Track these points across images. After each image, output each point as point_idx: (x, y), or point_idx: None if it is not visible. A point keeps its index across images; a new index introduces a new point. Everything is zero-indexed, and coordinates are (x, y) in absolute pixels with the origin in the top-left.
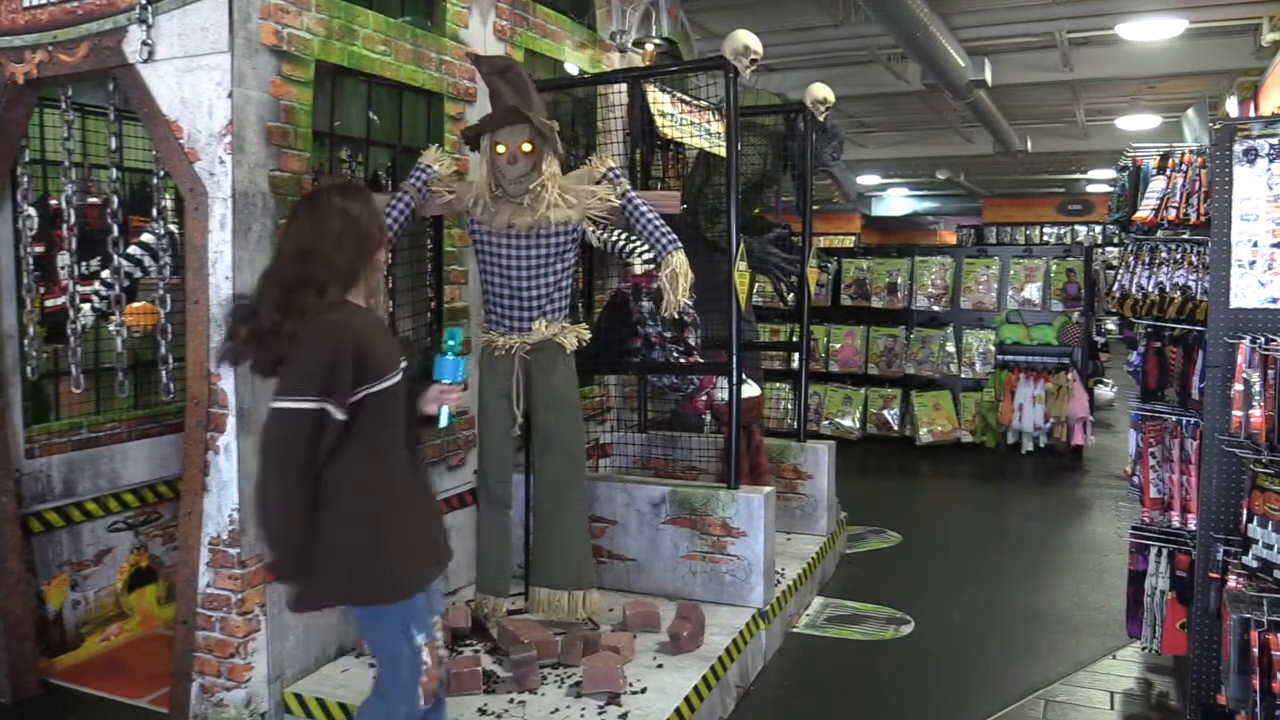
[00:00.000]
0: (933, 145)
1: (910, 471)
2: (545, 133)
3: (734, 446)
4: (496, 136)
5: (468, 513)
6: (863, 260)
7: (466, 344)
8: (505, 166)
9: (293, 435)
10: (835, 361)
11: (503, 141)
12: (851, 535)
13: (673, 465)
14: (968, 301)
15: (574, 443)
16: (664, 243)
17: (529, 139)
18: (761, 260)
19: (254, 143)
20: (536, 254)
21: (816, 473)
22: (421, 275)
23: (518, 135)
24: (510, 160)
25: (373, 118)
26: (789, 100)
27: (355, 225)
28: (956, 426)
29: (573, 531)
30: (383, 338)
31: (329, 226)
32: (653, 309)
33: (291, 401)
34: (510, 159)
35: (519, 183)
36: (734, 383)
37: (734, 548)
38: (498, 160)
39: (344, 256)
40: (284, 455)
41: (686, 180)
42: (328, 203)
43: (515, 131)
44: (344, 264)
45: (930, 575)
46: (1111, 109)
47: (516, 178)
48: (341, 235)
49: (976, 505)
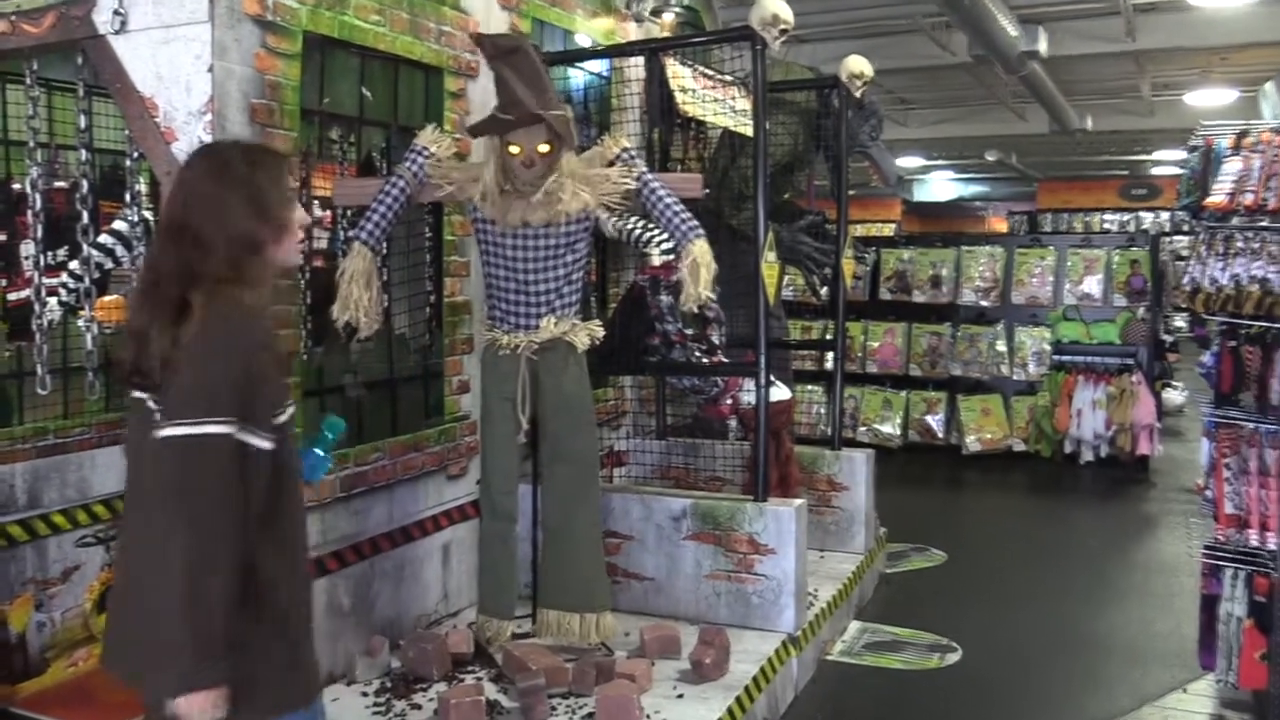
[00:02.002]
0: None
1: (956, 483)
2: (563, 131)
3: (762, 455)
4: (510, 137)
5: (469, 527)
6: (904, 250)
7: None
8: (520, 169)
9: (208, 468)
10: (873, 362)
11: (517, 142)
12: (891, 553)
13: (694, 475)
14: (1020, 296)
15: (586, 450)
16: (684, 231)
17: (547, 140)
18: (792, 250)
19: (236, 121)
20: (545, 246)
21: (853, 484)
22: (419, 267)
23: (534, 136)
24: (526, 163)
25: (366, 94)
26: (822, 74)
27: (248, 193)
28: (1007, 434)
29: (584, 548)
30: (278, 355)
31: (204, 190)
32: (672, 303)
33: (193, 426)
34: (526, 161)
35: (534, 183)
36: (762, 385)
37: (762, 566)
38: (510, 160)
39: (225, 233)
40: (199, 497)
41: (709, 163)
42: (213, 161)
43: (531, 133)
44: (226, 245)
45: (978, 598)
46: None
47: (532, 179)
48: (227, 205)
49: (1030, 521)
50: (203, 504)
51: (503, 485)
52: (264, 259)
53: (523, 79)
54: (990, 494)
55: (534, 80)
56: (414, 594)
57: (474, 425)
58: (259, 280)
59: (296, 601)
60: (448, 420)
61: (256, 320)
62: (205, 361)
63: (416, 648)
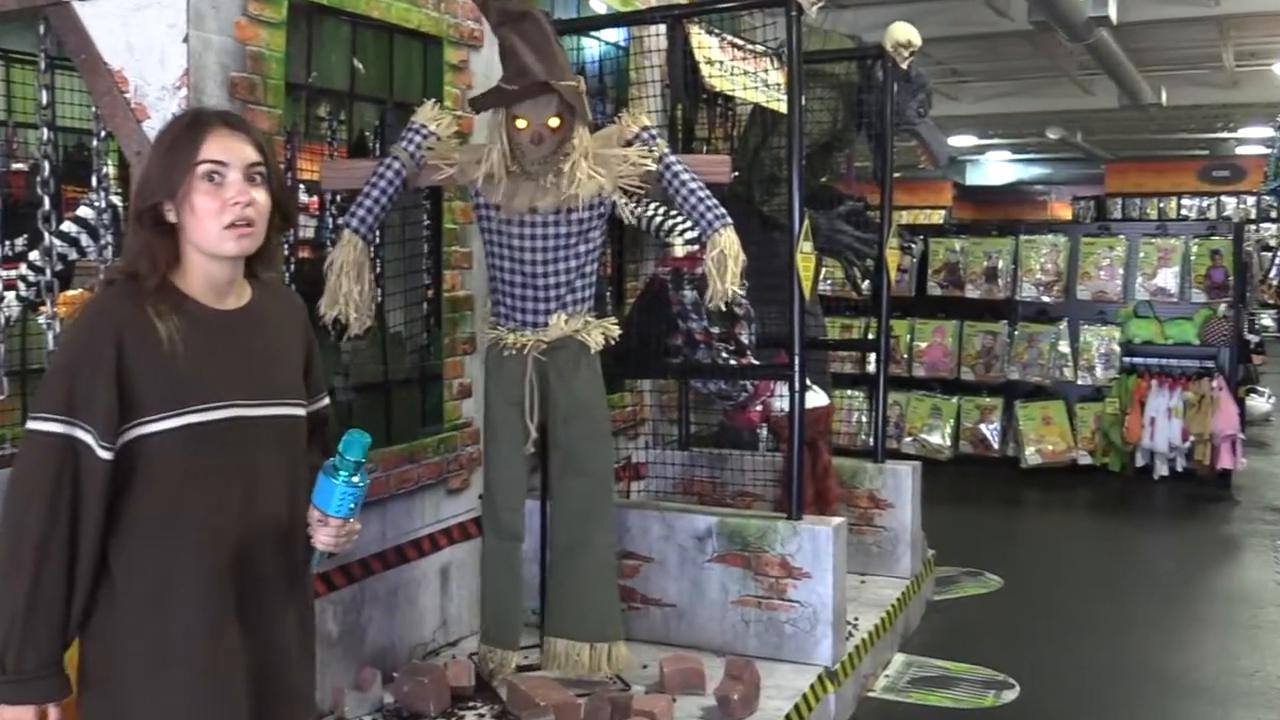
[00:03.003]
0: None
1: (1014, 500)
2: (574, 103)
3: (796, 468)
4: (516, 110)
5: (470, 547)
6: (955, 240)
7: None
8: (528, 146)
9: (29, 472)
10: (921, 364)
11: (524, 116)
12: (941, 578)
13: (721, 490)
14: (1086, 291)
15: (600, 462)
16: (710, 218)
17: (557, 113)
18: (830, 240)
19: (214, 96)
20: (556, 235)
21: (897, 501)
22: (416, 258)
23: (543, 109)
24: (535, 140)
25: (358, 67)
26: (865, 44)
27: (152, 156)
28: (1071, 445)
29: (598, 570)
30: (165, 340)
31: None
32: (696, 299)
33: (32, 422)
34: (534, 138)
35: (544, 162)
36: (796, 389)
37: (796, 592)
38: (517, 137)
39: (135, 204)
40: (15, 498)
41: (739, 142)
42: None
43: (540, 105)
44: (133, 215)
45: (1038, 628)
46: (1268, 51)
47: (541, 158)
48: (145, 170)
49: (1096, 543)
50: (17, 508)
51: (508, 500)
52: (143, 236)
53: (531, 47)
54: (1052, 512)
55: (543, 49)
56: (409, 621)
57: (476, 434)
58: (139, 262)
59: (185, 639)
60: (447, 428)
61: (117, 304)
62: (56, 355)
63: (412, 681)
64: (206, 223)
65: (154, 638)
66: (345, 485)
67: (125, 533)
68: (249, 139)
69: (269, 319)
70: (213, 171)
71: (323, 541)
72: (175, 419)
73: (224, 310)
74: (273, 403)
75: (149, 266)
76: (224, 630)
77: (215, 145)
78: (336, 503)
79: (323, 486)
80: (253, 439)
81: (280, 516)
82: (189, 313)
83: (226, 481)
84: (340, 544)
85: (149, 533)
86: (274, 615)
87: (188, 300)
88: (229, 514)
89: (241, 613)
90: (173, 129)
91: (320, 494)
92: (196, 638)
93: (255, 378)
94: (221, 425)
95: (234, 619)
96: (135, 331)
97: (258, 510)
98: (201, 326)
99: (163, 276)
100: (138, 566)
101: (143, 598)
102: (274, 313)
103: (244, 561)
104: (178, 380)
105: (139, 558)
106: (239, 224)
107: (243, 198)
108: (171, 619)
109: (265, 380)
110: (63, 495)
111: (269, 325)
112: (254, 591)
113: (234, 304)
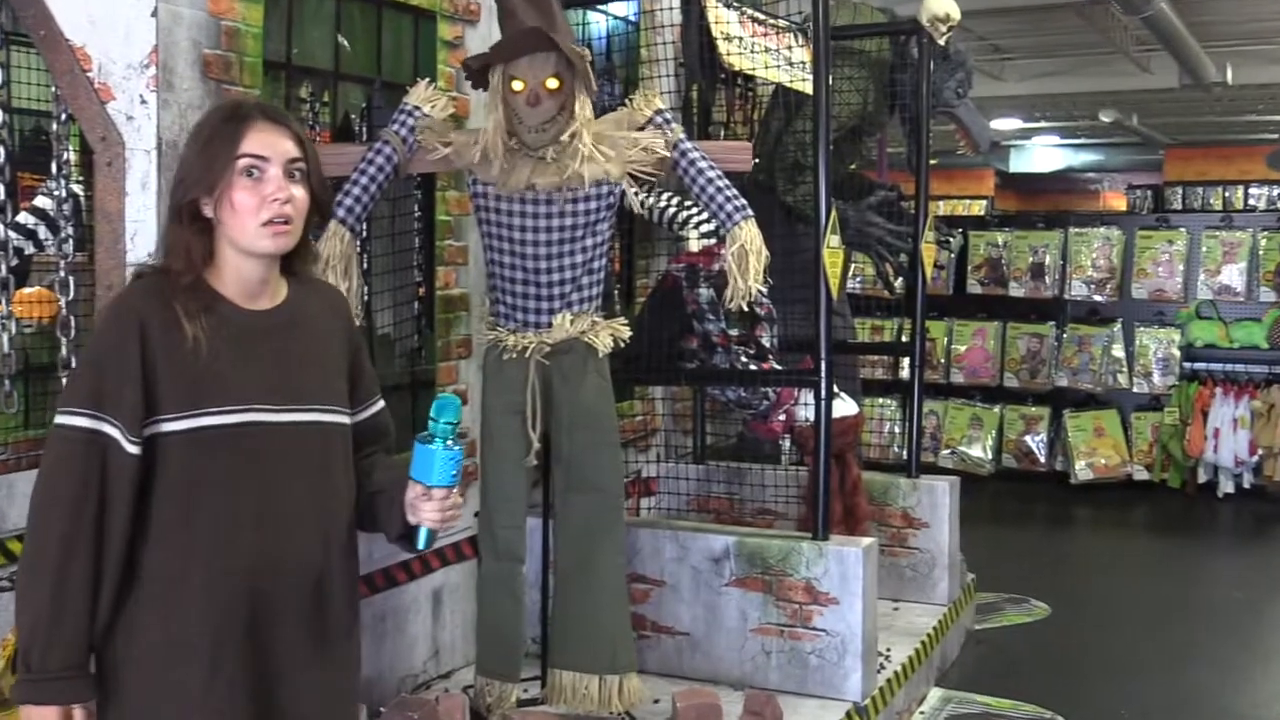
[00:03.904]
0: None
1: (1062, 520)
2: (576, 62)
3: (822, 483)
4: (511, 69)
5: (466, 569)
6: (998, 233)
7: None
8: (524, 109)
9: (55, 468)
10: (959, 370)
11: (520, 76)
12: (981, 605)
13: (739, 507)
14: (1142, 289)
15: (608, 476)
16: (729, 210)
17: (556, 72)
18: (860, 233)
19: (186, 76)
20: (561, 224)
21: (934, 520)
22: (406, 252)
23: (541, 68)
24: (531, 100)
25: (343, 43)
26: (898, 18)
27: (189, 150)
28: (1126, 459)
29: (606, 595)
30: (190, 339)
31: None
32: (714, 298)
33: (59, 417)
34: (531, 99)
35: (543, 130)
36: (823, 397)
37: (822, 619)
38: (513, 100)
39: (172, 199)
40: (42, 495)
41: (760, 127)
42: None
43: (537, 62)
44: (170, 210)
45: (1089, 661)
46: None
47: (539, 124)
48: (182, 164)
49: (1154, 567)
50: (43, 503)
51: (507, 518)
52: (180, 233)
53: (532, 6)
54: (1104, 533)
55: (545, 8)
56: (398, 651)
57: (473, 445)
58: (173, 258)
59: (182, 644)
60: None
61: (142, 297)
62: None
63: (401, 716)
64: (245, 219)
65: (153, 681)
66: (444, 450)
67: (140, 536)
68: (289, 132)
69: (305, 319)
70: (252, 166)
71: (429, 518)
72: (187, 420)
73: (256, 310)
74: (301, 408)
75: (184, 264)
76: (223, 691)
77: (255, 139)
78: (439, 471)
79: (420, 457)
80: (273, 448)
81: (308, 551)
82: (219, 313)
83: (237, 494)
84: (448, 519)
85: (158, 540)
86: (293, 683)
87: (219, 300)
88: (239, 534)
89: (251, 667)
90: (211, 121)
91: (418, 465)
92: (189, 694)
93: (282, 381)
94: (235, 430)
95: (240, 677)
96: (159, 327)
97: (276, 536)
98: (230, 327)
99: (197, 275)
100: (149, 573)
101: (150, 613)
102: (312, 312)
103: (258, 603)
104: (195, 380)
105: (150, 564)
106: (277, 221)
107: (282, 194)
108: (173, 662)
109: (294, 384)
110: (90, 491)
111: (305, 325)
112: (267, 648)
113: (267, 304)
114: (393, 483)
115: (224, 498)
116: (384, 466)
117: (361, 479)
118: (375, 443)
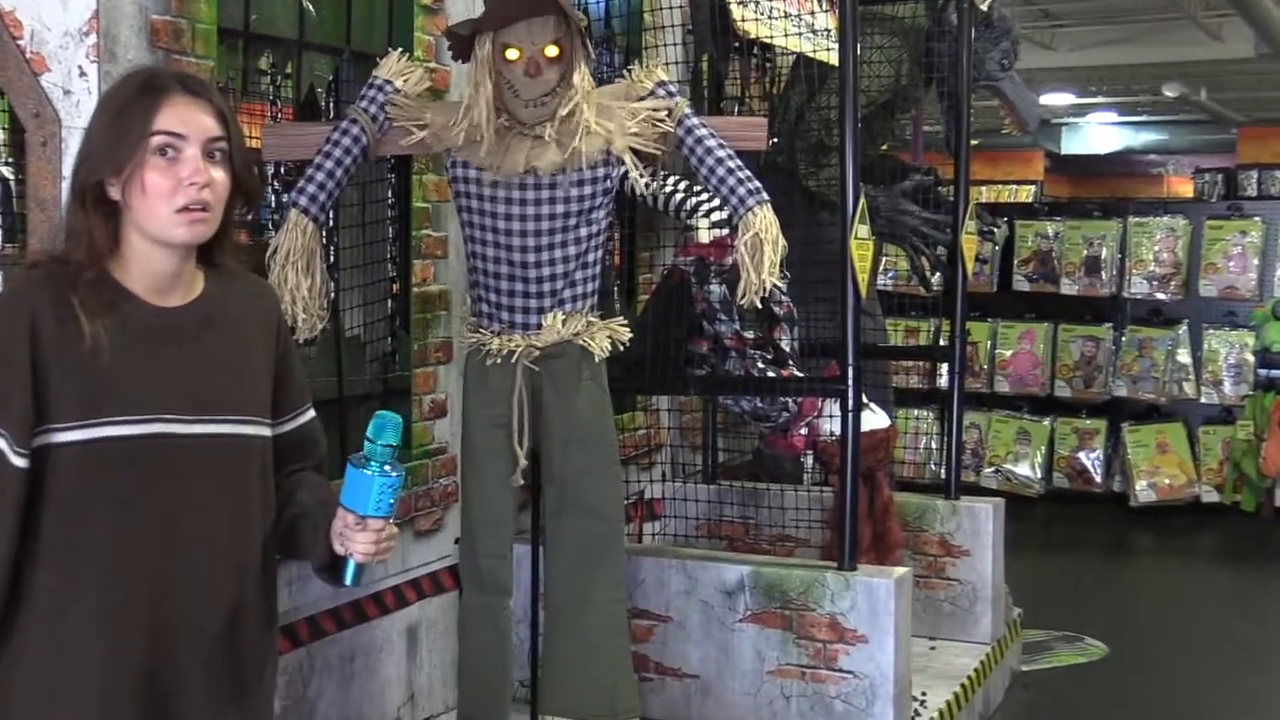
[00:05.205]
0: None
1: (1120, 547)
2: (577, 27)
3: (850, 506)
4: (505, 36)
5: (444, 602)
6: (1048, 223)
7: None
8: (521, 80)
9: None
10: (1004, 377)
11: (517, 43)
12: (1029, 644)
13: (755, 533)
14: (1212, 286)
15: (605, 498)
16: (742, 194)
17: (557, 39)
18: (892, 222)
19: (131, 45)
20: (552, 211)
21: (975, 547)
22: (378, 244)
23: (539, 33)
24: (530, 70)
25: (307, 9)
26: None
27: (97, 123)
28: (1193, 479)
29: (603, 632)
30: (88, 338)
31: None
32: (726, 296)
33: None
34: (530, 68)
35: (541, 104)
36: (850, 408)
37: (849, 660)
38: (507, 71)
39: (74, 178)
40: None
41: (778, 102)
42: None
43: (535, 27)
44: (75, 186)
45: (1150, 709)
46: None
47: (538, 96)
48: (87, 138)
49: (1224, 600)
50: None
51: (491, 545)
52: (82, 217)
53: None
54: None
55: None
56: (368, 693)
57: (452, 462)
58: (73, 247)
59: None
60: (416, 455)
61: (38, 286)
62: None
63: None
64: (157, 205)
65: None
66: (380, 477)
67: (27, 555)
68: (211, 107)
69: (223, 317)
70: (167, 145)
71: (361, 551)
72: (83, 430)
73: (166, 307)
74: (214, 418)
75: (86, 253)
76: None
77: (171, 114)
78: (375, 500)
79: (353, 483)
80: (181, 463)
81: (221, 581)
82: (123, 309)
83: (139, 513)
84: (382, 552)
85: (47, 562)
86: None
87: (124, 295)
88: (138, 561)
89: (148, 717)
90: (121, 91)
91: (351, 492)
92: None
93: (193, 388)
94: (138, 442)
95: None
96: (54, 324)
97: (183, 563)
98: (135, 326)
99: (100, 266)
100: (36, 598)
101: (36, 643)
102: (232, 309)
103: (160, 640)
104: (93, 385)
105: (37, 586)
106: (193, 208)
107: (199, 178)
108: (58, 700)
109: (206, 391)
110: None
111: (223, 324)
112: (168, 693)
113: (179, 300)
114: (318, 505)
115: (123, 518)
116: (309, 486)
117: (284, 498)
118: (303, 458)
